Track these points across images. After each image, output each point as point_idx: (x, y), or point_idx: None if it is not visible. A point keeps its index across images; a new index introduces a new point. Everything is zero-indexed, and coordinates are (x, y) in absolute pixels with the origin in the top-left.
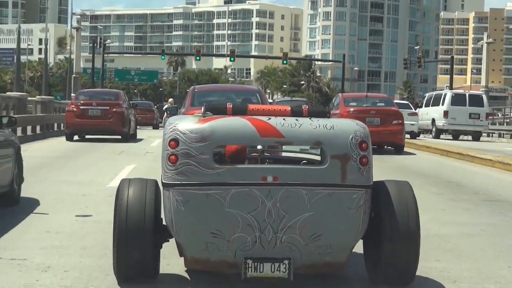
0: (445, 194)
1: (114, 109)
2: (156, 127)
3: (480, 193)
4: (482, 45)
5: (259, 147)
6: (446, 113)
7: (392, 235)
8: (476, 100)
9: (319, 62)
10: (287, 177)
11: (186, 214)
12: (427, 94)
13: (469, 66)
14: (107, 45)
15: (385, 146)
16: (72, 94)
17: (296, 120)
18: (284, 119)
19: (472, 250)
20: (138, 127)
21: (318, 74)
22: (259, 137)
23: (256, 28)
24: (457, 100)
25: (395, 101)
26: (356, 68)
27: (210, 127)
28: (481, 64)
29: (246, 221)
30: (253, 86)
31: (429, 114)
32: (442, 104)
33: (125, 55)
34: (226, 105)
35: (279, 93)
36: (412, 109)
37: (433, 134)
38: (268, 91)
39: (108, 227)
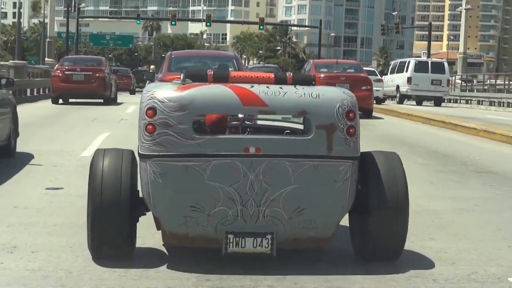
0: (432, 165)
1: (97, 75)
2: (132, 92)
3: (468, 164)
4: (460, 12)
5: (240, 115)
6: (409, 80)
7: (380, 207)
8: (438, 68)
9: (295, 28)
10: (271, 148)
11: (164, 187)
12: (392, 62)
13: (445, 32)
14: (81, 9)
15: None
16: (46, 59)
17: (280, 88)
18: (267, 87)
19: (468, 227)
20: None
21: (294, 39)
22: (241, 106)
23: None
24: (420, 67)
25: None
26: (332, 34)
27: (189, 95)
28: (457, 30)
29: (227, 194)
30: (230, 52)
31: (393, 80)
32: (406, 71)
33: (100, 19)
34: (207, 72)
35: (255, 59)
36: (378, 75)
37: (397, 99)
38: (244, 56)
39: (79, 201)
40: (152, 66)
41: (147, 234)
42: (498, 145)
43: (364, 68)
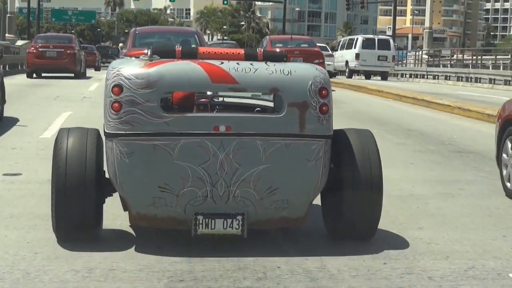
0: (409, 144)
1: (68, 51)
2: (97, 68)
3: (447, 143)
4: None
5: (208, 92)
6: (357, 56)
7: (354, 186)
8: (384, 44)
9: (259, 3)
10: (241, 126)
11: (131, 167)
12: (342, 39)
13: (409, 7)
14: None
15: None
16: (7, 35)
17: (251, 64)
18: (237, 64)
19: (456, 214)
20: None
21: (258, 15)
22: (211, 83)
23: None
24: (367, 44)
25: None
26: (297, 9)
27: (157, 72)
28: (420, 5)
29: (196, 174)
30: (192, 28)
31: (343, 56)
32: (354, 48)
33: None
34: (175, 47)
35: (219, 34)
36: (329, 51)
37: (346, 74)
38: (208, 32)
39: (39, 188)
40: (120, 44)
41: (114, 215)
42: (474, 123)
43: (317, 44)
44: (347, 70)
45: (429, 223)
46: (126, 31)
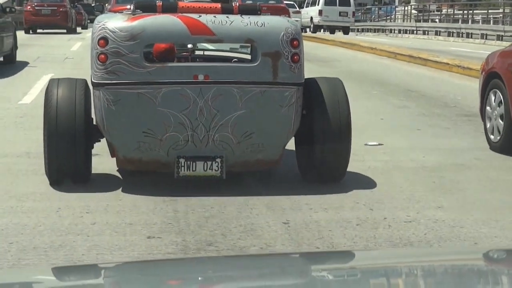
0: (411, 107)
1: (61, 9)
2: (85, 27)
3: (451, 106)
4: None
5: (189, 46)
6: (320, 12)
7: (323, 131)
8: (344, 1)
9: None
10: (219, 75)
11: (117, 114)
12: None
13: None
14: None
15: None
16: None
17: (227, 17)
18: (215, 17)
19: (477, 190)
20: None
21: None
22: (190, 35)
23: None
24: (329, 1)
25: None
26: None
27: (140, 25)
28: None
29: (178, 119)
30: None
31: (308, 13)
32: (318, 5)
33: None
34: (156, 2)
35: None
36: (296, 8)
37: (311, 29)
38: None
39: (16, 163)
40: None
41: (102, 159)
42: (475, 82)
43: (284, 1)
44: (311, 25)
45: (449, 201)
46: None
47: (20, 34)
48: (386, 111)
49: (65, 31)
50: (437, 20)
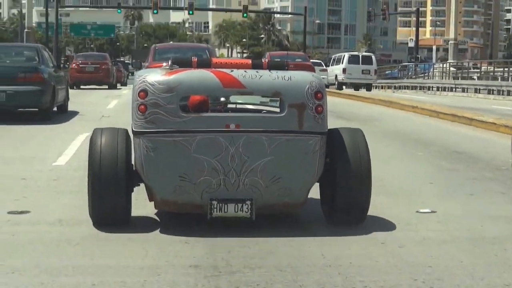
0: (461, 170)
1: (103, 67)
2: (124, 84)
3: (503, 169)
4: None
5: (222, 99)
6: (344, 70)
7: (346, 177)
8: (367, 60)
9: (279, 15)
10: (249, 124)
11: (156, 160)
12: (333, 56)
13: (428, 18)
14: None
15: None
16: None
17: (257, 72)
18: (245, 71)
19: None
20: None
21: (277, 27)
22: (222, 87)
23: None
24: (353, 60)
25: (313, 60)
26: (318, 21)
27: (176, 79)
28: (440, 16)
29: (211, 165)
30: (203, 44)
31: (333, 71)
32: (342, 63)
33: (80, 9)
34: (191, 58)
35: (239, 47)
36: (323, 66)
37: (336, 86)
38: (228, 45)
39: (49, 231)
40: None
41: (142, 203)
42: None
43: (312, 60)
44: (336, 82)
45: None
46: (145, 45)
47: None
48: (434, 175)
49: (106, 86)
50: (475, 78)
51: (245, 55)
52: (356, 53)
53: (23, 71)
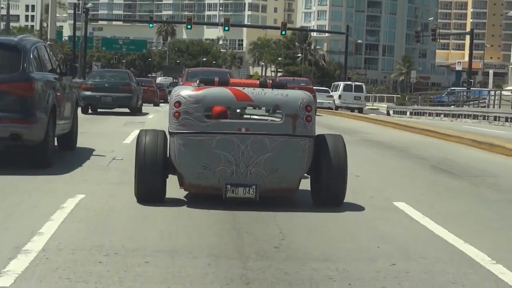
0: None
1: (150, 89)
2: (157, 104)
3: None
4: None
5: (238, 110)
6: (340, 96)
7: (328, 171)
8: (358, 88)
9: (315, 34)
10: (255, 128)
11: (185, 153)
12: (333, 83)
13: (467, 41)
14: (95, 13)
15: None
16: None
17: (262, 90)
18: (254, 89)
19: None
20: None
21: (316, 47)
22: (236, 101)
23: None
24: (347, 88)
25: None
26: (359, 41)
27: (202, 93)
28: (480, 39)
29: (226, 158)
30: (225, 69)
31: (332, 96)
32: (338, 91)
33: (114, 23)
34: (214, 79)
35: (273, 66)
36: (329, 92)
37: (333, 108)
38: (262, 63)
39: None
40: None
41: (173, 189)
42: None
43: (319, 88)
44: (334, 106)
45: None
46: (177, 61)
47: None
48: (471, 214)
49: (152, 104)
50: None
51: (279, 74)
52: (350, 82)
53: (122, 85)
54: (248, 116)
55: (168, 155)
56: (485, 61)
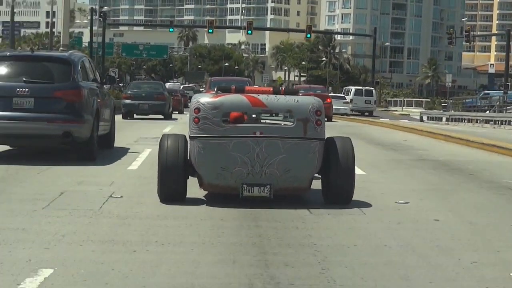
0: None
1: (176, 98)
2: (181, 111)
3: None
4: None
5: (253, 116)
6: (351, 100)
7: (337, 171)
8: (369, 93)
9: (339, 38)
10: (269, 132)
11: (205, 156)
12: (345, 88)
13: (494, 43)
14: (113, 18)
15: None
16: None
17: (275, 96)
18: (267, 96)
19: None
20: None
21: (342, 50)
22: (251, 106)
23: (271, 2)
24: (358, 92)
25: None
26: (387, 44)
27: (220, 100)
28: (503, 40)
29: (242, 160)
30: (245, 78)
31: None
32: (350, 95)
33: (134, 29)
34: (231, 87)
35: (297, 70)
36: (346, 99)
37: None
38: (285, 68)
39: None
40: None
41: (193, 190)
42: None
43: (335, 94)
44: (350, 111)
45: None
46: (199, 66)
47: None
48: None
49: (177, 112)
50: None
51: (303, 78)
52: (360, 87)
53: (156, 94)
54: (264, 121)
55: (188, 158)
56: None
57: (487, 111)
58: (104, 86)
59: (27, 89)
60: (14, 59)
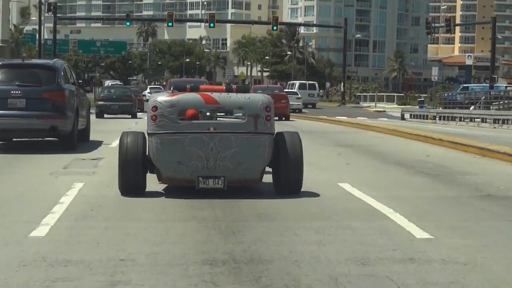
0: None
1: (138, 98)
2: (134, 115)
3: None
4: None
5: (208, 113)
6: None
7: (286, 162)
8: (312, 86)
9: (303, 31)
10: (222, 128)
11: (162, 151)
12: (289, 82)
13: (458, 34)
14: (69, 14)
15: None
16: None
17: (228, 94)
18: (220, 94)
19: None
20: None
21: (301, 44)
22: (205, 104)
23: None
24: (301, 86)
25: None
26: (358, 35)
27: (176, 98)
28: (469, 32)
29: (198, 154)
30: (203, 79)
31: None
32: (294, 89)
33: (92, 25)
34: (186, 86)
35: (259, 65)
36: (298, 95)
37: (301, 110)
38: (248, 63)
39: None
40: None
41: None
42: None
43: (289, 90)
44: (302, 107)
45: None
46: (159, 63)
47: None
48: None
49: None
50: None
51: (266, 74)
52: (304, 81)
53: (125, 96)
54: (216, 118)
55: (147, 153)
56: (475, 54)
57: (471, 107)
58: (81, 88)
59: (19, 92)
60: (8, 66)
